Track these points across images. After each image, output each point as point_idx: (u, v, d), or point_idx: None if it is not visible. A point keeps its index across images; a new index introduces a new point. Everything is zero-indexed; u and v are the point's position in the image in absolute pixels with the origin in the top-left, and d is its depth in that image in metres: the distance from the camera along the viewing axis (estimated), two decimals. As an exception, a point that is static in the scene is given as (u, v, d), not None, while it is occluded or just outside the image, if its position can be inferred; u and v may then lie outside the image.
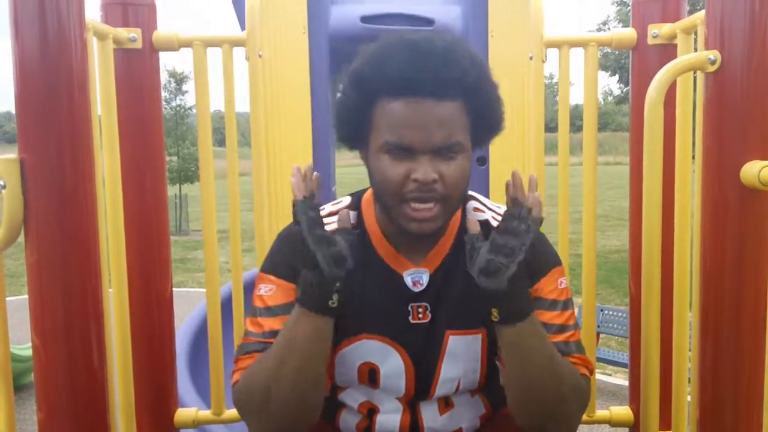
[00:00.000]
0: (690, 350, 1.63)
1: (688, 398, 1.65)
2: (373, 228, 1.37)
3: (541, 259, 1.36)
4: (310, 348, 1.23)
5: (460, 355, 1.35)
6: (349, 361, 1.36)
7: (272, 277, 1.35)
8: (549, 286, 1.35)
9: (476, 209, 1.41)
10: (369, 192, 1.41)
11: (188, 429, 2.05)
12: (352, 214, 1.39)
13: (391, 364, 1.35)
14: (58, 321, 1.46)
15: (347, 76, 1.29)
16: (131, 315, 1.82)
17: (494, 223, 1.36)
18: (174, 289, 2.06)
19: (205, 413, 2.02)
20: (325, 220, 1.37)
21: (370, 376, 1.36)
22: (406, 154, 1.22)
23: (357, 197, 1.43)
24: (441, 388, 1.37)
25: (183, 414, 2.02)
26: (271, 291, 1.33)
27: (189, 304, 4.68)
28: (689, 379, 1.65)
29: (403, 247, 1.35)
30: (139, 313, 1.88)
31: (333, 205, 1.43)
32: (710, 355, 1.46)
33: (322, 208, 1.42)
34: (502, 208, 1.40)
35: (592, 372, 1.36)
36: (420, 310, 1.34)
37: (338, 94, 1.33)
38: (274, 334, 1.29)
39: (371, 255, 1.36)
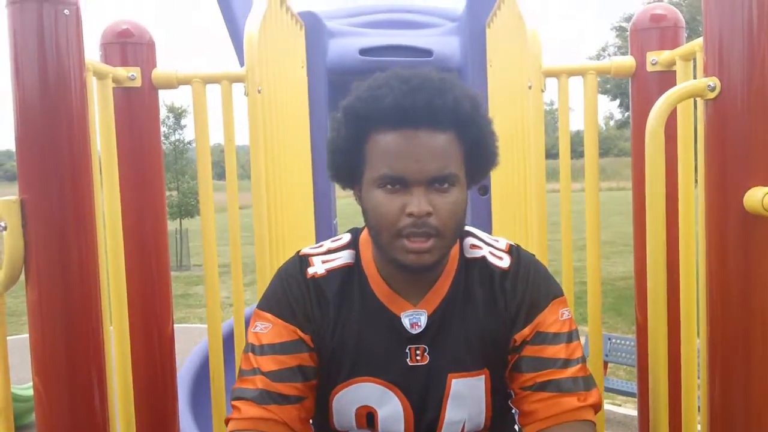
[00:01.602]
0: (699, 378, 1.60)
1: (698, 427, 1.63)
2: (370, 268, 1.35)
3: (539, 292, 1.34)
4: None
5: (465, 398, 1.32)
6: (346, 404, 1.34)
7: (269, 315, 1.33)
8: (550, 319, 1.32)
9: (473, 246, 1.38)
10: (366, 230, 1.39)
11: (191, 468, 2.03)
12: (351, 253, 1.37)
13: (389, 408, 1.32)
14: (59, 360, 1.45)
15: (340, 113, 1.28)
16: (132, 352, 1.80)
17: (491, 259, 1.36)
18: (176, 325, 2.05)
19: (208, 450, 2.00)
20: (322, 258, 1.37)
21: (368, 420, 1.34)
22: (400, 187, 1.21)
23: (355, 235, 1.41)
24: (446, 431, 1.34)
25: (185, 452, 1.99)
26: (266, 329, 1.32)
27: (191, 340, 4.66)
28: (699, 407, 1.63)
29: (401, 288, 1.33)
30: (140, 351, 1.87)
31: (332, 242, 1.42)
32: (719, 384, 1.44)
33: (320, 245, 1.41)
34: (501, 242, 1.40)
35: (598, 409, 1.32)
36: (418, 352, 1.32)
37: (331, 132, 1.32)
38: (260, 372, 1.27)
39: (368, 296, 1.33)
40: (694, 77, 1.60)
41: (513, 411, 1.48)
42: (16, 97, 1.37)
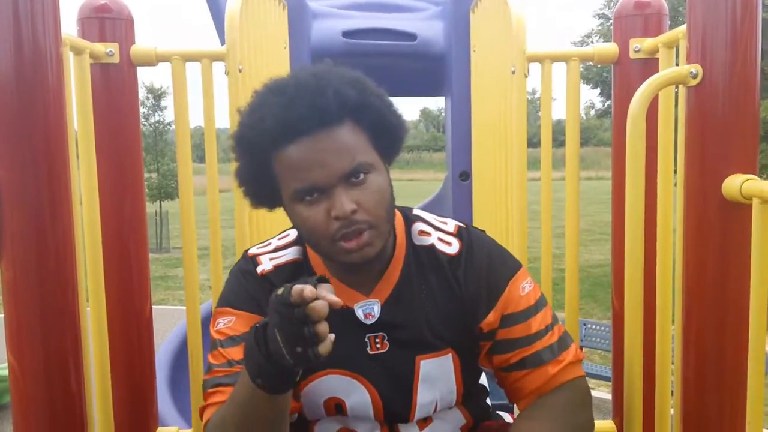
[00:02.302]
0: (672, 363, 1.62)
1: (671, 411, 1.65)
2: (317, 264, 1.34)
3: (495, 275, 1.33)
4: (271, 423, 1.19)
5: (435, 378, 1.33)
6: (314, 397, 1.34)
7: (230, 309, 1.32)
8: (513, 299, 1.32)
9: (422, 232, 1.37)
10: None
11: (168, 448, 2.02)
12: (298, 249, 1.36)
13: (356, 397, 1.32)
14: (34, 340, 1.44)
15: (234, 143, 1.27)
16: (110, 333, 1.79)
17: (440, 246, 1.34)
18: (155, 306, 2.04)
19: (186, 432, 1.99)
20: (270, 256, 1.36)
21: (337, 409, 1.34)
22: (318, 194, 1.19)
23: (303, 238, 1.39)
24: (419, 413, 1.35)
25: (163, 433, 1.98)
26: (230, 322, 1.30)
27: (170, 321, 4.64)
28: (672, 392, 1.65)
29: (350, 281, 1.32)
30: (117, 331, 1.86)
31: (279, 239, 1.40)
32: (693, 367, 1.45)
33: (267, 243, 1.40)
34: (450, 224, 1.38)
35: (582, 360, 1.35)
36: (377, 340, 1.32)
37: (236, 164, 1.29)
38: (236, 363, 1.26)
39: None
40: (677, 65, 1.60)
41: (482, 383, 1.50)
42: (-10, 72, 1.35)
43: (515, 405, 1.39)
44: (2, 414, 5.29)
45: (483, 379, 1.52)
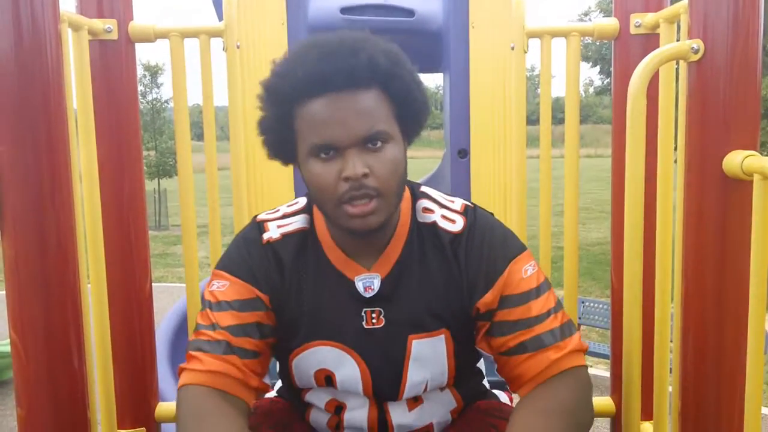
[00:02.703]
0: (671, 341, 1.63)
1: (669, 389, 1.66)
2: (323, 233, 1.34)
3: (495, 255, 1.32)
4: None
5: (427, 359, 1.33)
6: (304, 368, 1.34)
7: (226, 275, 1.33)
8: (513, 281, 1.30)
9: (426, 209, 1.36)
10: None
11: (169, 423, 2.03)
12: (305, 217, 1.37)
13: (346, 370, 1.33)
14: (36, 316, 1.45)
15: (263, 91, 1.27)
16: (110, 310, 1.80)
17: (442, 224, 1.34)
18: (154, 284, 2.04)
19: (187, 408, 2.00)
20: (278, 223, 1.36)
21: (326, 381, 1.35)
22: (334, 153, 1.20)
23: (310, 199, 1.39)
24: (409, 392, 1.35)
25: (164, 408, 1.99)
26: (224, 287, 1.31)
27: (169, 298, 4.65)
28: (670, 369, 1.65)
29: (354, 253, 1.33)
30: (118, 308, 1.86)
31: (288, 206, 1.41)
32: (692, 345, 1.46)
33: (276, 210, 1.40)
34: (457, 202, 1.38)
35: (585, 351, 1.32)
36: (374, 315, 1.32)
37: (260, 113, 1.30)
38: (220, 327, 1.27)
39: (323, 261, 1.33)
40: (678, 41, 1.59)
41: (479, 365, 1.50)
42: (-12, 48, 1.34)
43: (517, 393, 1.35)
44: (5, 389, 5.31)
45: (480, 363, 1.51)
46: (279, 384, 1.54)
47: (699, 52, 1.34)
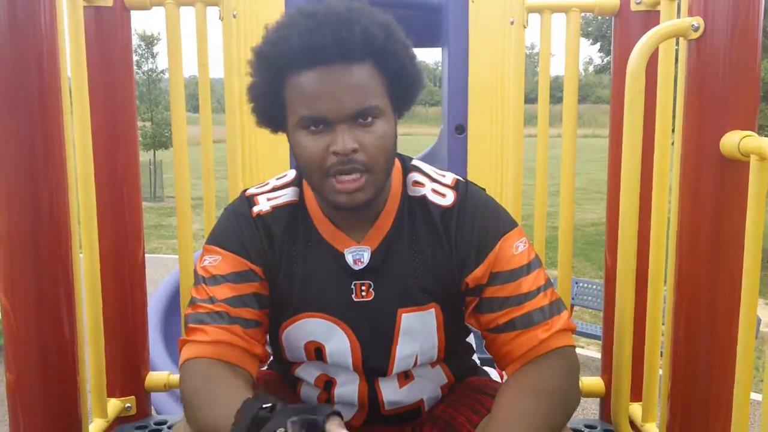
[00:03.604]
0: (663, 323, 1.63)
1: (660, 371, 1.66)
2: (313, 206, 1.33)
3: (486, 230, 1.30)
4: None
5: (416, 332, 1.32)
6: (294, 340, 1.34)
7: (218, 249, 1.32)
8: (504, 257, 1.29)
9: (416, 183, 1.35)
10: None
11: (159, 392, 2.04)
12: (295, 190, 1.36)
13: (336, 342, 1.32)
14: (27, 284, 1.45)
15: (253, 59, 1.25)
16: (103, 279, 1.79)
17: (432, 197, 1.32)
18: (148, 255, 2.03)
19: (177, 377, 2.01)
20: (267, 196, 1.35)
21: (316, 354, 1.34)
22: (323, 126, 1.18)
23: (300, 172, 1.37)
24: (399, 366, 1.35)
25: (155, 377, 2.00)
26: (216, 261, 1.30)
27: (163, 270, 4.65)
28: (661, 352, 1.66)
29: (344, 225, 1.32)
30: (110, 277, 1.86)
31: (277, 179, 1.39)
32: (683, 328, 1.46)
33: (266, 183, 1.39)
34: (448, 177, 1.36)
35: (573, 330, 1.31)
36: (363, 288, 1.31)
37: (251, 79, 1.28)
38: (218, 300, 1.26)
39: (312, 233, 1.33)
40: (679, 18, 1.58)
41: (469, 340, 1.50)
42: (-20, 12, 1.32)
43: (504, 371, 1.34)
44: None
45: (470, 338, 1.51)
46: (271, 358, 1.54)
47: (699, 30, 1.33)
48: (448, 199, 1.32)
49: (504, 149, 2.53)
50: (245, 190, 1.39)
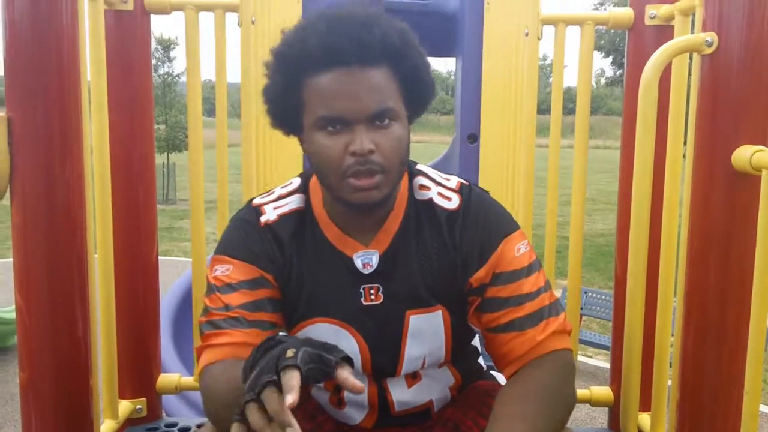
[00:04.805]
0: (672, 335, 1.63)
1: (668, 382, 1.66)
2: (320, 212, 1.35)
3: (489, 232, 1.32)
4: None
5: (424, 334, 1.34)
6: None
7: (228, 258, 1.32)
8: (505, 258, 1.30)
9: (422, 187, 1.36)
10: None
11: (170, 394, 2.05)
12: (300, 197, 1.37)
13: (345, 347, 1.31)
14: (42, 283, 1.46)
15: (271, 60, 1.26)
16: (116, 280, 1.81)
17: (438, 201, 1.34)
18: (160, 257, 2.05)
19: (188, 380, 2.02)
20: (274, 205, 1.36)
21: None
22: (341, 127, 1.20)
23: (305, 179, 1.40)
24: (407, 367, 1.36)
25: (166, 379, 2.01)
26: (228, 270, 1.31)
27: (174, 272, 4.67)
28: (670, 363, 1.66)
29: (351, 230, 1.33)
30: (123, 278, 1.88)
31: (282, 188, 1.41)
32: (693, 338, 1.46)
33: (271, 192, 1.40)
34: (452, 180, 1.38)
35: (570, 332, 1.33)
36: (372, 291, 1.33)
37: (266, 80, 1.29)
38: (233, 307, 1.26)
39: (320, 239, 1.34)
40: (693, 33, 1.59)
41: (474, 343, 1.51)
42: (6, 15, 1.35)
43: (502, 373, 1.35)
44: (7, 356, 5.36)
45: (476, 341, 1.52)
46: None
47: (713, 46, 1.34)
48: (454, 202, 1.34)
49: (516, 159, 2.53)
50: (251, 200, 1.41)
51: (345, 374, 0.97)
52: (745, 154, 1.29)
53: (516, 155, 2.50)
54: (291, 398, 0.91)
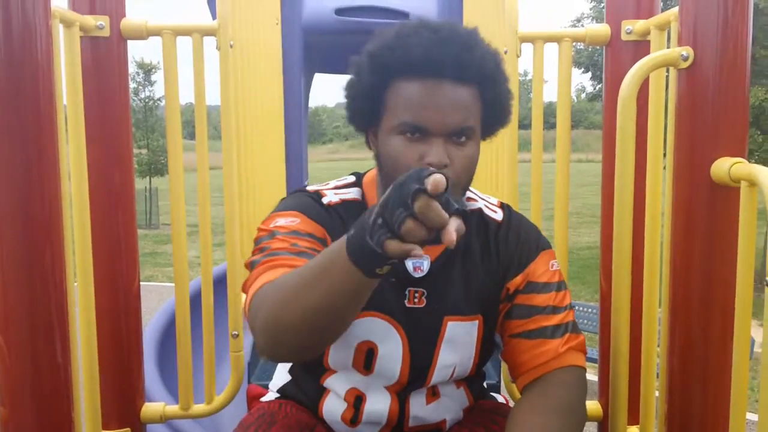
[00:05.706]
0: (658, 346, 1.63)
1: (656, 394, 1.66)
2: None
3: (529, 243, 1.39)
4: (346, 299, 1.05)
5: (458, 342, 1.36)
6: (348, 338, 1.34)
7: (296, 212, 1.31)
8: (540, 269, 1.37)
9: (470, 199, 1.43)
10: (371, 173, 1.41)
11: (155, 424, 2.02)
12: (358, 191, 1.39)
13: (391, 345, 1.34)
14: (21, 314, 1.44)
15: (364, 57, 1.28)
16: (97, 308, 1.78)
17: (487, 212, 1.41)
18: (143, 283, 2.03)
19: (173, 408, 1.99)
20: (334, 191, 1.38)
21: (366, 357, 1.35)
22: (420, 136, 1.22)
23: (359, 177, 1.43)
24: (437, 376, 1.37)
25: (150, 408, 1.98)
26: (295, 222, 1.28)
27: (159, 298, 4.63)
28: (657, 374, 1.66)
29: None
30: (105, 307, 1.85)
31: (337, 181, 1.43)
32: (678, 350, 1.47)
33: (325, 183, 1.42)
34: (493, 198, 1.46)
35: (584, 350, 1.37)
36: (416, 295, 1.35)
37: (352, 76, 1.32)
38: (299, 246, 1.21)
39: None
40: (668, 48, 1.60)
41: (485, 368, 1.52)
42: (-22, 43, 1.33)
43: (515, 383, 1.38)
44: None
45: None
46: (277, 382, 1.52)
47: (688, 60, 1.35)
48: (499, 215, 1.42)
49: (499, 174, 2.54)
50: (302, 188, 1.41)
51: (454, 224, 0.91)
52: (723, 166, 1.30)
53: (499, 171, 2.51)
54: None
